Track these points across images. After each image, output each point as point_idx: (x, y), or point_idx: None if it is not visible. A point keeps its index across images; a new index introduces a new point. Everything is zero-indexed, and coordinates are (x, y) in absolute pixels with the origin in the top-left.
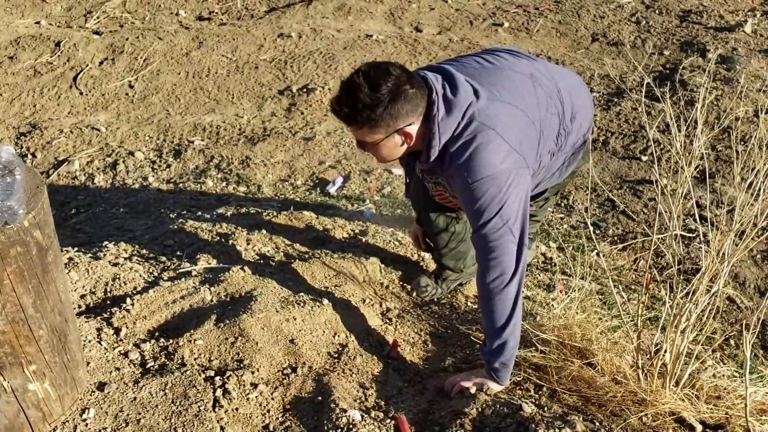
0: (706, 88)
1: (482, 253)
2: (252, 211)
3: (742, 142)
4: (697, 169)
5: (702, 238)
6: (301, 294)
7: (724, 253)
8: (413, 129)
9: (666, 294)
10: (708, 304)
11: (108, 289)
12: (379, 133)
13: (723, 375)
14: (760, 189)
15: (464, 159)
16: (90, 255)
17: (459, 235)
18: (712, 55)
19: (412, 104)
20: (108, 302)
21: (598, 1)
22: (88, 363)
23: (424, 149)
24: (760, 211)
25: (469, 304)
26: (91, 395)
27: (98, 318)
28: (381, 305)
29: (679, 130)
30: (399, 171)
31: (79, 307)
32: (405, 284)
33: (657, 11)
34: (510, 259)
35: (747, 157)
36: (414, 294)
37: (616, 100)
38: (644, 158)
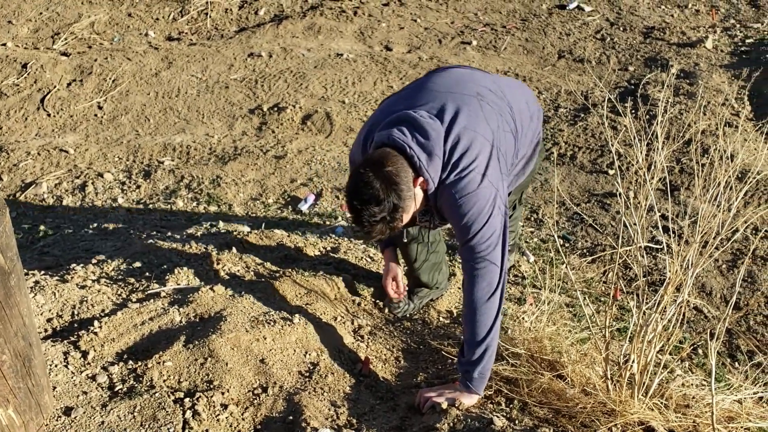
0: (667, 102)
1: (471, 264)
2: (222, 231)
3: (706, 155)
4: (662, 182)
5: (667, 249)
6: (272, 313)
7: (688, 263)
8: (418, 182)
9: (633, 305)
10: (674, 314)
11: (75, 312)
12: (407, 214)
13: (691, 384)
14: (721, 200)
15: (451, 181)
16: (57, 278)
17: (432, 244)
18: (674, 69)
19: (403, 175)
20: (75, 325)
21: (564, 18)
22: (55, 387)
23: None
24: (721, 222)
25: (440, 319)
26: (57, 420)
27: (65, 341)
28: (353, 322)
29: (642, 144)
30: None
31: (46, 330)
32: (377, 301)
33: (621, 28)
34: (496, 269)
35: (709, 169)
36: (386, 311)
37: (582, 115)
38: (611, 172)
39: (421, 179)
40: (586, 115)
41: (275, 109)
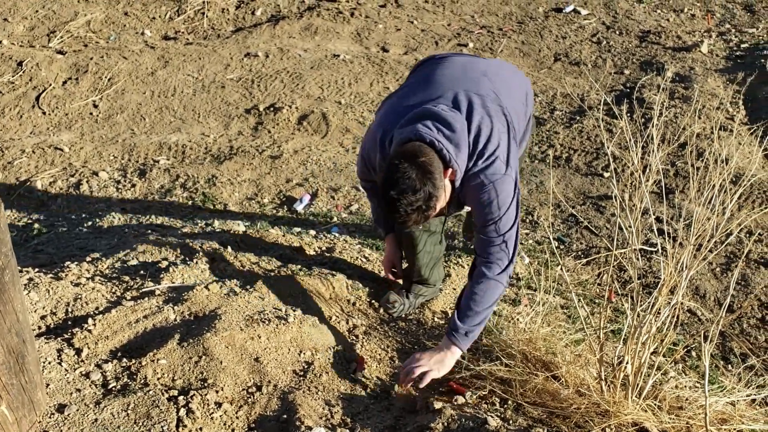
0: (663, 105)
1: (491, 244)
2: (217, 230)
3: (700, 158)
4: (657, 185)
5: (661, 252)
6: (266, 312)
7: (682, 265)
8: (447, 173)
9: (628, 307)
10: (668, 315)
11: (69, 310)
12: (440, 203)
13: (685, 386)
14: (715, 202)
15: (478, 169)
16: (51, 275)
17: (435, 236)
18: (669, 73)
19: (436, 165)
20: (69, 323)
21: (560, 22)
22: (48, 385)
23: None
24: (715, 224)
25: (435, 319)
26: (50, 418)
27: (59, 339)
28: (347, 322)
29: (638, 147)
30: None
31: (39, 328)
32: (372, 301)
33: (617, 32)
34: (512, 247)
35: (704, 172)
36: (381, 310)
37: (578, 118)
38: (606, 175)
39: (450, 171)
40: (581, 117)
41: (271, 109)
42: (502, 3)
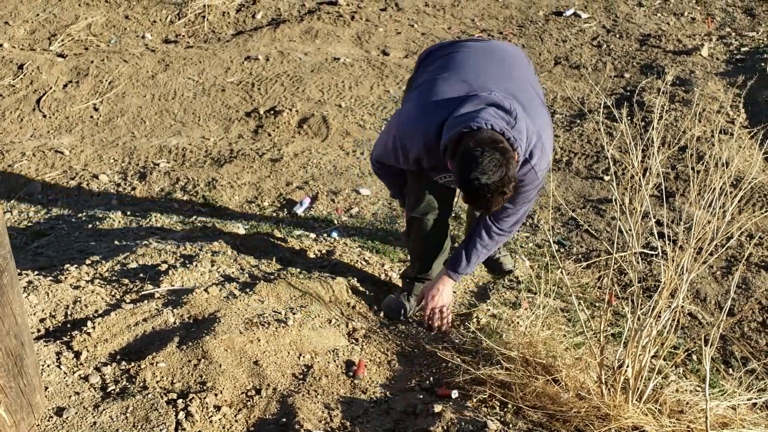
0: (663, 108)
1: (513, 216)
2: (217, 233)
3: (701, 162)
4: (657, 188)
5: (662, 255)
6: (266, 315)
7: (683, 268)
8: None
9: (628, 310)
10: (669, 319)
11: (68, 313)
12: (514, 186)
13: (685, 390)
14: (716, 206)
15: (534, 160)
16: (50, 278)
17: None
18: (669, 76)
19: (511, 152)
20: (68, 326)
21: (561, 25)
22: (47, 388)
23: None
24: (716, 228)
25: None
26: (48, 421)
27: (58, 342)
28: (347, 325)
29: (638, 149)
30: (366, 191)
31: (38, 330)
32: (372, 304)
33: (617, 35)
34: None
35: (704, 176)
36: (381, 314)
37: (578, 121)
38: (606, 178)
39: (516, 155)
40: (581, 121)
41: (271, 112)
42: (502, 6)
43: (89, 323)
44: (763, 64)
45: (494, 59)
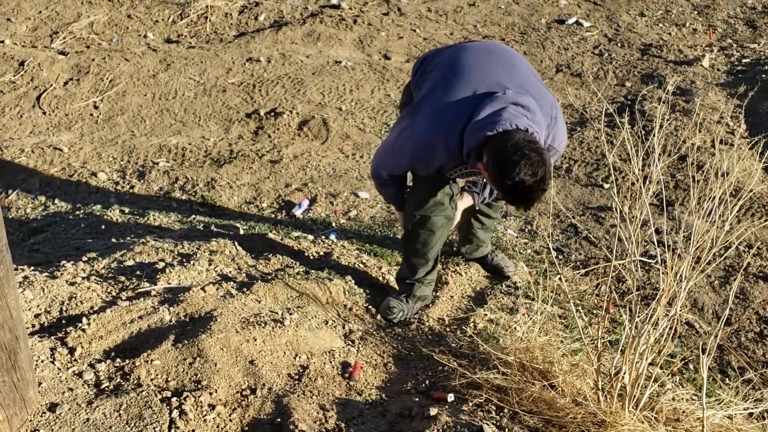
0: (663, 117)
1: None
2: (215, 233)
3: (701, 171)
4: (657, 197)
5: (661, 263)
6: (262, 314)
7: (681, 276)
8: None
9: (626, 317)
10: (666, 326)
11: (64, 309)
12: None
13: (682, 398)
14: (715, 216)
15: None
16: (46, 274)
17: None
18: (671, 85)
19: (544, 151)
20: (63, 321)
21: (563, 33)
22: (40, 383)
23: None
24: (715, 237)
25: (432, 325)
26: (41, 416)
27: (52, 337)
28: (344, 327)
29: (638, 157)
30: (365, 194)
31: (33, 326)
32: (369, 306)
33: (619, 44)
34: None
35: (703, 185)
36: (378, 316)
37: (579, 129)
38: (606, 185)
39: None
40: (582, 128)
41: (272, 114)
42: (504, 13)
43: (84, 319)
44: (764, 75)
45: (493, 57)
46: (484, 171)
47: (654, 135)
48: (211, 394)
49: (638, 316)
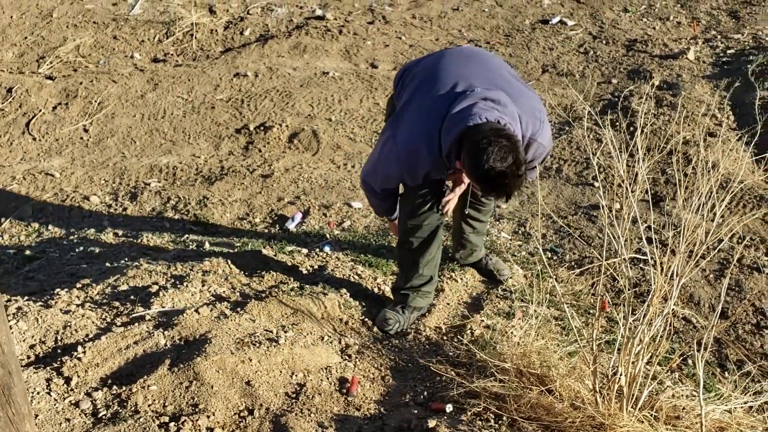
0: (649, 113)
1: (533, 174)
2: (208, 252)
3: (690, 165)
4: (647, 193)
5: (652, 260)
6: (257, 334)
7: (674, 273)
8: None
9: (621, 317)
10: (661, 324)
11: (59, 338)
12: None
13: (681, 395)
14: (704, 209)
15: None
16: (40, 303)
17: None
18: (656, 81)
19: (515, 138)
20: (58, 351)
21: (547, 33)
22: (37, 415)
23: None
24: (705, 231)
25: (429, 336)
26: None
27: (48, 368)
28: (340, 342)
29: (624, 157)
30: (358, 204)
31: (28, 357)
32: (365, 319)
33: (604, 41)
34: None
35: (693, 179)
36: (375, 329)
37: (567, 128)
38: (596, 184)
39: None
40: (570, 128)
41: (262, 128)
42: (488, 17)
43: (79, 348)
44: (749, 65)
45: (465, 59)
46: (462, 168)
47: (637, 135)
48: (208, 417)
49: (632, 316)
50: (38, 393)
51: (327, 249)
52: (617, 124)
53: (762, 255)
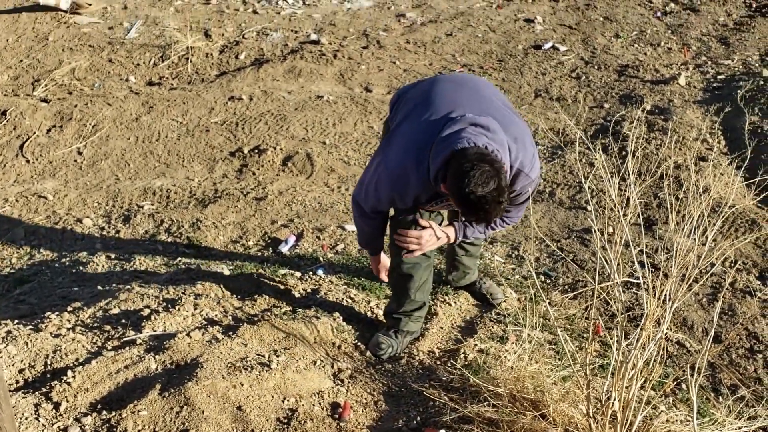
0: (641, 138)
1: (519, 210)
2: (201, 274)
3: (682, 189)
4: (639, 217)
5: (644, 284)
6: (249, 358)
7: (666, 297)
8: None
9: (614, 341)
10: (654, 348)
11: (48, 362)
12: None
13: (675, 420)
14: (696, 233)
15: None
16: (30, 327)
17: (429, 261)
18: (648, 106)
19: (499, 164)
20: (48, 375)
21: (540, 58)
22: None
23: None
24: (697, 255)
25: (422, 360)
26: None
27: (36, 393)
28: (332, 366)
29: (615, 181)
30: (352, 227)
31: (17, 382)
32: (358, 343)
33: (596, 67)
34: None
35: (684, 203)
36: (368, 353)
37: (560, 152)
38: (589, 208)
39: (504, 167)
40: (563, 152)
41: (256, 151)
42: (481, 42)
43: (69, 372)
44: (739, 91)
45: (459, 86)
46: (446, 191)
47: (628, 159)
48: None
49: (625, 341)
50: (26, 418)
51: (320, 272)
52: (609, 148)
53: (754, 279)
